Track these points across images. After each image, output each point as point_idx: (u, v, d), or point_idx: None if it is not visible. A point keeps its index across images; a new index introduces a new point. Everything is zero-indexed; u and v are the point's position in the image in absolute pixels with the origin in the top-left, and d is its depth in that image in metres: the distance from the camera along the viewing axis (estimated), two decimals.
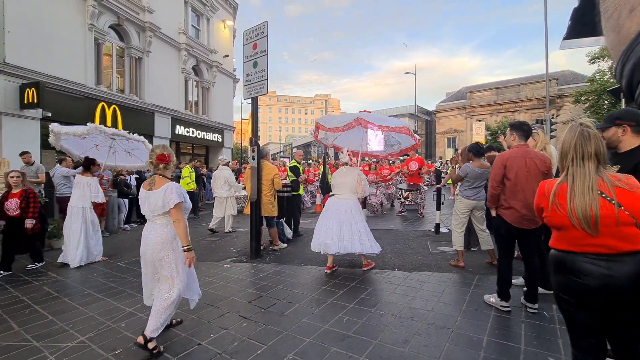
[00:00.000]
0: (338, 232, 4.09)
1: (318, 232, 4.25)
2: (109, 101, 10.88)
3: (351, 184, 4.27)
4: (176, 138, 14.32)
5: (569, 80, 30.45)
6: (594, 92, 21.12)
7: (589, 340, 1.51)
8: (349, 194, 4.29)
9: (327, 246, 4.10)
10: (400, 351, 2.40)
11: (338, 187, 4.36)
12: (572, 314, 1.54)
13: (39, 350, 2.55)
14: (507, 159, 3.04)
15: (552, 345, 2.45)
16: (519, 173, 2.96)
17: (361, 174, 4.39)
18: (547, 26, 13.71)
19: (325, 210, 4.37)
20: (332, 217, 4.20)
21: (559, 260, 1.55)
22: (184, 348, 2.51)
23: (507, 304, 3.01)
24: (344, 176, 4.34)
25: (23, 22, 8.49)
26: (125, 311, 3.22)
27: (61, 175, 6.61)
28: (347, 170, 4.37)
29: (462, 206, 4.33)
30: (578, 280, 1.46)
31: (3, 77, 8.16)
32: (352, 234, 4.09)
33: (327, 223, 4.20)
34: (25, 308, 3.37)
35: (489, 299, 3.20)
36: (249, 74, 5.32)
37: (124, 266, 4.80)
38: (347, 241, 4.05)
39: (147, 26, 12.21)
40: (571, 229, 1.48)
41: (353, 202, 4.29)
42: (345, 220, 4.14)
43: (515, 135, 3.16)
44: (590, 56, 21.13)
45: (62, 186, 6.62)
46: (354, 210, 4.25)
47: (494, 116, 32.99)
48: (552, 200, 1.54)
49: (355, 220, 4.19)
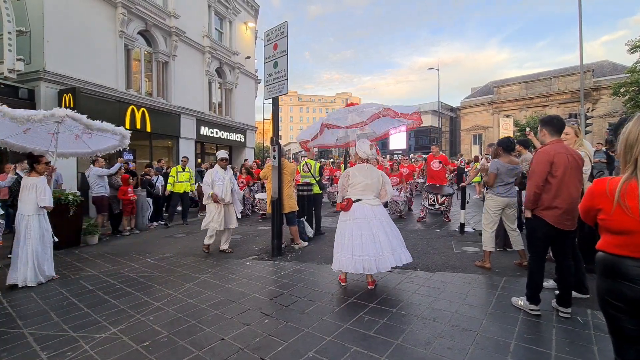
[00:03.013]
0: (387, 242, 3.47)
1: (357, 247, 3.44)
2: (138, 104, 11.38)
3: (376, 186, 3.64)
4: (201, 139, 14.75)
5: (607, 71, 28.60)
6: (635, 84, 19.69)
7: (638, 348, 1.41)
8: (376, 199, 3.65)
9: (381, 261, 3.39)
10: (422, 353, 2.35)
11: (364, 190, 3.60)
12: (621, 320, 1.42)
13: (75, 340, 2.71)
14: (553, 155, 2.79)
15: (586, 352, 2.31)
16: (565, 170, 2.76)
17: (385, 176, 3.79)
18: (582, 14, 12.93)
19: (354, 220, 3.54)
20: (372, 226, 3.48)
21: (612, 264, 1.43)
22: (208, 342, 2.58)
23: (537, 307, 2.87)
24: (369, 176, 3.63)
25: (60, 32, 9.05)
26: (154, 305, 3.35)
27: (96, 175, 6.98)
28: (371, 170, 3.67)
29: (494, 204, 4.12)
30: (634, 287, 1.34)
31: (43, 84, 8.73)
32: (391, 247, 3.47)
33: (369, 233, 3.45)
34: (63, 300, 3.59)
35: (516, 301, 3.06)
36: (270, 74, 5.39)
37: (152, 262, 5.01)
38: (387, 256, 3.41)
39: (173, 31, 12.65)
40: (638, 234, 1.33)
41: (381, 208, 3.67)
42: (380, 232, 3.48)
43: (544, 130, 2.97)
44: (630, 45, 19.74)
45: (97, 186, 6.99)
46: (385, 217, 3.64)
47: (523, 111, 31.59)
48: (618, 200, 1.37)
49: (393, 226, 3.64)
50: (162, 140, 13.60)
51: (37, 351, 2.55)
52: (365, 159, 3.72)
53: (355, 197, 3.62)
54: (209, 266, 4.66)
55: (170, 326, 2.87)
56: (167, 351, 2.48)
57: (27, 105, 8.45)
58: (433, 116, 35.46)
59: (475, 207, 9.12)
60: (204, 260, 5.04)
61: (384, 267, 3.40)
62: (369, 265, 3.37)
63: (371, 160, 3.78)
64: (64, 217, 5.91)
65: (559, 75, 30.53)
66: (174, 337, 2.67)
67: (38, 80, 8.63)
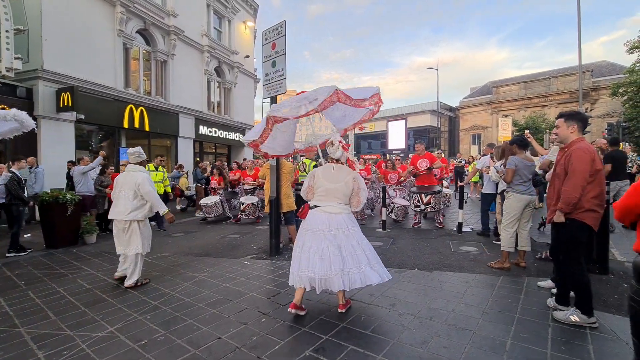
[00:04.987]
0: (339, 260, 2.82)
1: (304, 260, 2.90)
2: (137, 103, 11.37)
3: (343, 192, 2.97)
4: (199, 138, 14.75)
5: (605, 71, 28.68)
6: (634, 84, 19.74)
7: None
8: (341, 205, 2.97)
9: (327, 281, 2.82)
10: (418, 352, 2.35)
11: (325, 195, 3.00)
12: None
13: (72, 338, 2.71)
14: (594, 153, 2.62)
15: (582, 351, 2.32)
16: (601, 170, 2.65)
17: (360, 181, 3.03)
18: (580, 14, 12.96)
19: (309, 230, 2.97)
20: (324, 239, 2.88)
21: None
22: (205, 341, 2.58)
23: (594, 318, 2.66)
24: (334, 180, 2.99)
25: (58, 31, 9.03)
26: (151, 304, 3.35)
27: (79, 174, 6.90)
28: (338, 172, 3.03)
29: (517, 203, 3.97)
30: None
31: (41, 83, 8.71)
32: (358, 260, 2.88)
33: (318, 248, 2.87)
34: (61, 299, 3.59)
35: (568, 318, 2.68)
36: (268, 73, 5.39)
37: (150, 261, 5.00)
38: (354, 272, 2.84)
39: (171, 30, 12.64)
40: None
41: (348, 216, 3.00)
42: (345, 243, 2.89)
43: (576, 126, 2.76)
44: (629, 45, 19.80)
45: (80, 184, 6.91)
46: (351, 227, 2.97)
47: (522, 111, 31.67)
48: None
49: (358, 240, 2.97)
50: (161, 139, 13.59)
51: (34, 350, 2.54)
52: (335, 159, 3.10)
53: (314, 203, 3.07)
54: (207, 265, 4.66)
55: (167, 325, 2.87)
56: (163, 350, 2.48)
57: (25, 103, 8.44)
58: (432, 116, 35.49)
59: (473, 207, 9.13)
60: (202, 259, 5.04)
61: (353, 283, 2.83)
62: (326, 282, 2.83)
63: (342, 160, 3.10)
64: (62, 216, 5.91)
65: (558, 76, 30.61)
66: (171, 336, 2.67)
67: (36, 79, 8.61)
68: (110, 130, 11.08)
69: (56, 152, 8.91)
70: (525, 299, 3.21)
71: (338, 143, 3.05)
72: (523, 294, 3.31)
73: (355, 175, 3.02)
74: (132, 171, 4.01)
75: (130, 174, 3.97)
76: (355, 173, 3.04)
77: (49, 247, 5.94)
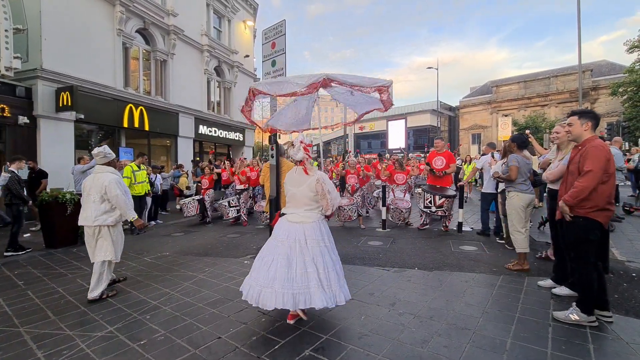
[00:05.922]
0: (284, 274, 2.59)
1: (255, 269, 2.78)
2: (137, 103, 11.35)
3: (307, 196, 2.75)
4: (199, 137, 14.74)
5: (605, 71, 28.69)
6: (634, 84, 19.76)
7: None
8: (307, 213, 2.77)
9: (263, 297, 2.58)
10: (419, 351, 2.35)
11: (291, 201, 2.86)
12: None
13: (72, 338, 2.70)
14: (610, 152, 2.60)
15: (582, 350, 2.32)
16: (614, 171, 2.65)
17: (324, 179, 2.75)
18: (580, 13, 12.95)
19: (272, 239, 2.84)
20: (280, 249, 2.70)
21: None
22: (204, 341, 2.58)
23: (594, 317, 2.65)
24: (295, 184, 2.82)
25: (58, 30, 9.02)
26: (151, 304, 3.35)
27: (79, 172, 6.90)
28: (299, 176, 2.81)
29: (523, 202, 3.94)
30: None
31: (41, 82, 8.70)
32: (307, 279, 2.59)
33: (270, 258, 2.72)
34: (60, 299, 3.59)
35: (568, 317, 2.68)
36: (268, 72, 5.39)
37: (150, 261, 5.01)
38: (298, 291, 2.57)
39: (171, 29, 12.62)
40: None
41: (312, 226, 2.73)
42: (298, 258, 2.65)
43: (590, 124, 2.72)
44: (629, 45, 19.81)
45: (78, 184, 6.93)
46: (311, 239, 2.70)
47: (522, 111, 31.67)
48: None
49: (314, 255, 2.66)
50: (161, 139, 13.57)
51: (34, 349, 2.54)
52: (298, 160, 2.85)
53: (283, 210, 2.92)
54: (207, 265, 4.66)
55: (166, 325, 2.87)
56: (163, 350, 2.47)
57: (24, 103, 8.44)
58: (432, 115, 35.48)
59: (473, 206, 9.13)
60: (202, 259, 5.03)
61: (295, 304, 2.57)
62: (261, 297, 2.60)
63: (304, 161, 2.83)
64: (62, 216, 5.90)
65: (558, 75, 30.61)
66: (171, 336, 2.67)
67: (35, 79, 8.59)
68: (110, 130, 11.07)
69: (55, 152, 8.90)
70: (525, 298, 3.20)
71: (299, 144, 2.82)
72: (523, 294, 3.31)
73: (320, 177, 2.74)
74: (100, 172, 3.65)
75: (98, 176, 3.62)
76: (320, 174, 2.78)
77: (49, 246, 5.94)
